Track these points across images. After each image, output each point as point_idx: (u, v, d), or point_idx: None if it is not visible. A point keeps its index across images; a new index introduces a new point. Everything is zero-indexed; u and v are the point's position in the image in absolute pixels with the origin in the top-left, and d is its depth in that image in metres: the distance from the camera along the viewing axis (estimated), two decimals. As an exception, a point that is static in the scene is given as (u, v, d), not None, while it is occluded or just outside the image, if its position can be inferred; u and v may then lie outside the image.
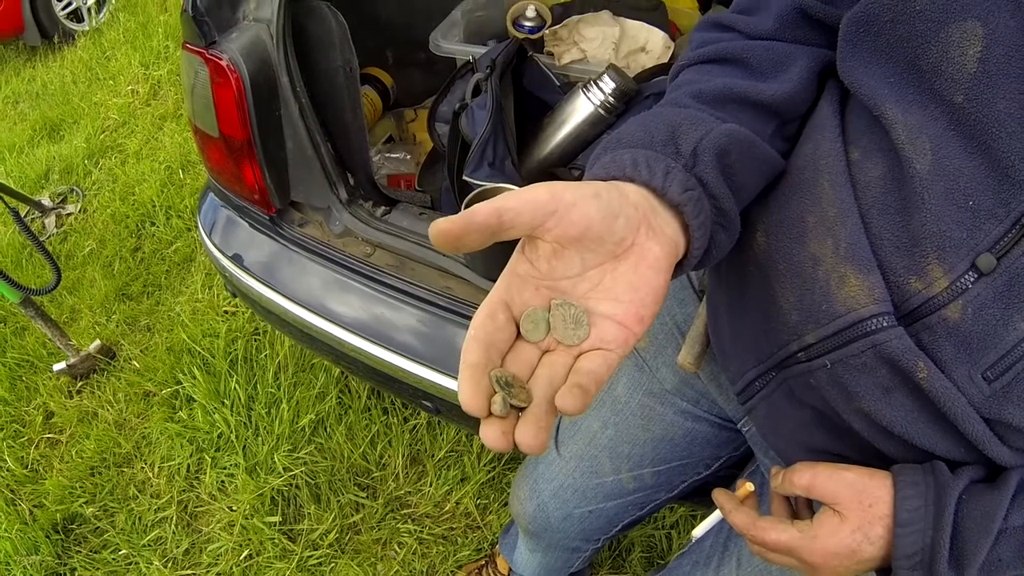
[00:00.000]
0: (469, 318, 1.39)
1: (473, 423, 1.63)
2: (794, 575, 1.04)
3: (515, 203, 0.48)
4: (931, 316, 0.60)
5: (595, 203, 0.51)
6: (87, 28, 4.85)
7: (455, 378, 1.38)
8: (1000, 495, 0.62)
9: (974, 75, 0.55)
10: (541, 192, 0.50)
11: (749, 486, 0.82)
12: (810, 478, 0.71)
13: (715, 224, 0.62)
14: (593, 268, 0.54)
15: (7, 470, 2.33)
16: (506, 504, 2.02)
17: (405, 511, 2.07)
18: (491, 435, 0.48)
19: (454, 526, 2.02)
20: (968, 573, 0.63)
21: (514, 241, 0.52)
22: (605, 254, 0.53)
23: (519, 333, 0.53)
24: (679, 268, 0.60)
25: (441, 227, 0.46)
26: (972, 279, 0.57)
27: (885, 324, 0.61)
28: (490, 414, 0.49)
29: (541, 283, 0.54)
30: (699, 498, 1.25)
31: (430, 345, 1.44)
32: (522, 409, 0.50)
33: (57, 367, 2.50)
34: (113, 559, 2.10)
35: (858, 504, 0.67)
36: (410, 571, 1.95)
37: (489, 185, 1.38)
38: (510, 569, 1.65)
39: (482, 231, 0.47)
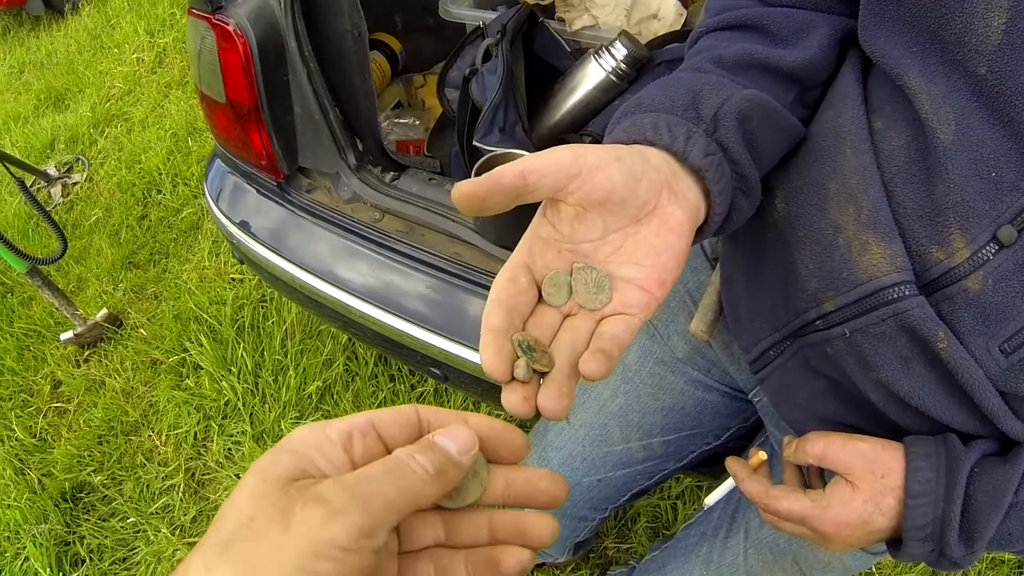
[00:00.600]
0: (478, 284, 1.40)
1: (481, 390, 1.63)
2: (801, 545, 1.04)
3: (539, 164, 0.48)
4: (952, 287, 0.59)
5: (617, 166, 0.50)
6: (91, -4, 4.82)
7: (464, 345, 1.38)
8: (1012, 469, 0.62)
9: (998, 47, 0.54)
10: (564, 154, 0.49)
11: (762, 454, 0.82)
12: (823, 447, 0.71)
13: (736, 189, 0.62)
14: (615, 231, 0.53)
15: (16, 439, 2.35)
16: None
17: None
18: (513, 400, 0.48)
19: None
20: (978, 546, 0.64)
21: (527, 207, 0.51)
22: (627, 217, 0.53)
23: (540, 297, 0.53)
24: (699, 234, 0.60)
25: (464, 190, 0.46)
26: (993, 250, 0.57)
27: (907, 293, 0.60)
28: (512, 379, 0.48)
29: (563, 246, 0.53)
30: (708, 468, 1.25)
31: (439, 311, 1.44)
32: (544, 374, 0.49)
33: (64, 336, 2.50)
34: (121, 527, 2.11)
35: (871, 475, 0.67)
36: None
37: (499, 151, 1.36)
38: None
39: (507, 193, 0.47)
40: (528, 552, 0.44)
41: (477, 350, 1.37)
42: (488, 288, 1.42)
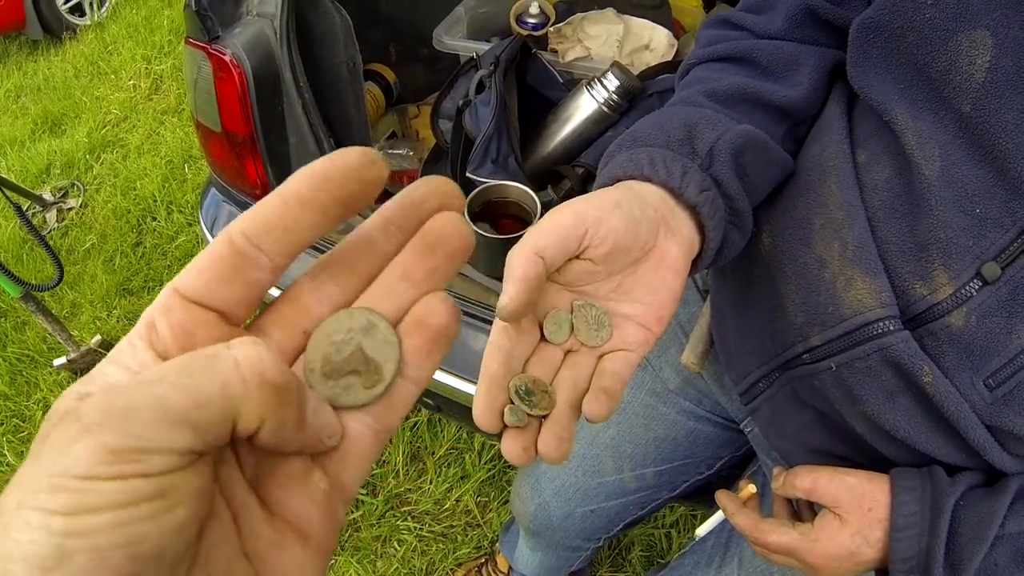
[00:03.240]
0: (471, 315, 1.40)
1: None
2: (795, 574, 1.04)
3: (547, 239, 0.48)
4: (935, 322, 0.60)
5: (617, 214, 0.51)
6: (89, 22, 4.83)
7: (458, 376, 1.37)
8: (998, 502, 0.62)
9: (982, 85, 0.55)
10: (565, 217, 0.49)
11: (751, 488, 0.82)
12: (811, 481, 0.71)
13: (728, 223, 0.62)
14: (617, 273, 0.54)
15: (7, 465, 2.33)
16: (506, 502, 2.02)
17: (405, 508, 2.07)
18: (513, 449, 0.48)
19: (454, 524, 2.02)
20: None
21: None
22: (629, 260, 0.53)
23: (542, 334, 0.53)
24: (692, 267, 0.60)
25: (510, 308, 0.46)
26: (976, 287, 0.57)
27: (892, 328, 0.61)
28: (505, 427, 0.48)
29: (564, 286, 0.54)
30: (700, 497, 1.25)
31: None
32: (544, 417, 0.49)
33: (58, 362, 2.49)
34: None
35: (858, 508, 0.68)
36: (410, 569, 1.94)
37: (493, 182, 1.37)
38: (510, 567, 1.65)
39: (537, 281, 0.47)
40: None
41: (470, 381, 1.38)
42: (480, 319, 1.42)
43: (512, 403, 0.48)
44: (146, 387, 0.25)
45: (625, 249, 0.52)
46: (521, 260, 0.46)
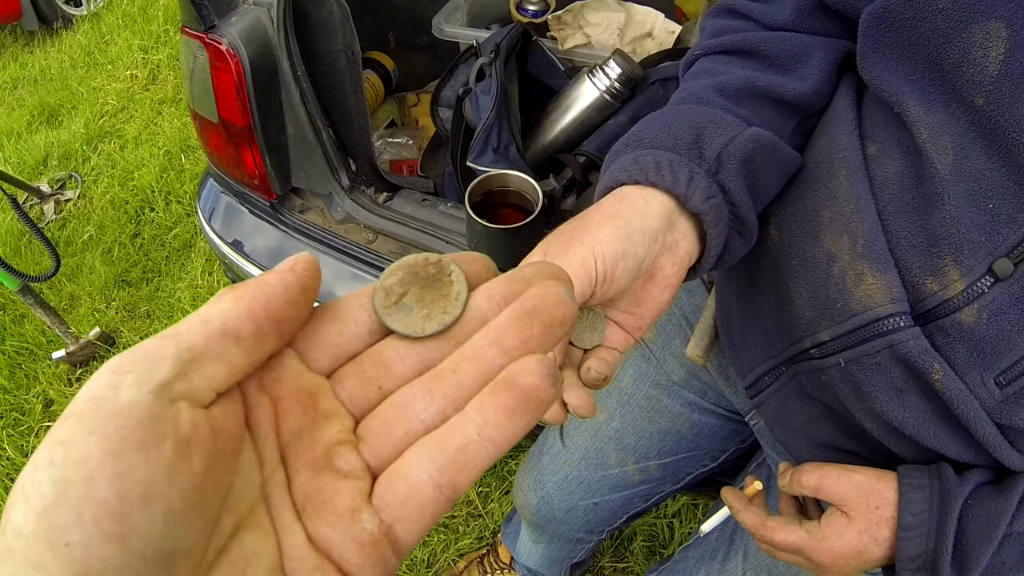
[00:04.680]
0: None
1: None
2: (799, 569, 1.03)
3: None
4: (945, 319, 0.59)
5: (622, 265, 0.53)
6: (85, 12, 4.81)
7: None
8: (1006, 500, 0.62)
9: (996, 78, 0.54)
10: (578, 274, 0.52)
11: (757, 484, 0.81)
12: (818, 479, 0.71)
13: (732, 230, 0.62)
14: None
15: (7, 458, 2.32)
16: (508, 492, 2.02)
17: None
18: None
19: (455, 514, 2.02)
20: (971, 575, 0.63)
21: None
22: (628, 291, 0.57)
23: None
24: (691, 272, 0.61)
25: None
26: (988, 283, 0.57)
27: (902, 324, 0.60)
28: None
29: None
30: (705, 489, 1.24)
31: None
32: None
33: (56, 355, 2.49)
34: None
35: (865, 506, 0.67)
36: (411, 559, 1.94)
37: (493, 171, 1.36)
38: (512, 558, 1.64)
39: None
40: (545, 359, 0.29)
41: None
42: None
43: None
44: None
45: (627, 289, 0.56)
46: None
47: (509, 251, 1.28)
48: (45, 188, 3.27)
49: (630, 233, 0.54)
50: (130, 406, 0.24)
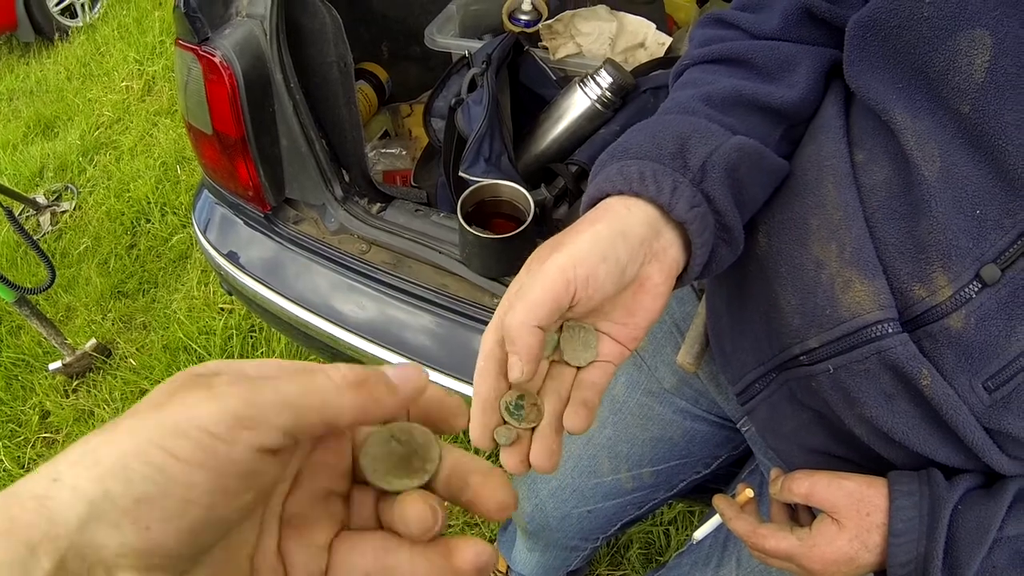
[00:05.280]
0: (466, 315, 1.40)
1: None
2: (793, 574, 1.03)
3: (542, 311, 0.51)
4: (933, 324, 0.59)
5: (604, 268, 0.53)
6: (81, 24, 4.82)
7: (453, 376, 1.37)
8: (996, 505, 0.62)
9: (981, 85, 0.54)
10: (556, 280, 0.52)
11: (749, 492, 0.82)
12: (808, 486, 0.71)
13: (718, 239, 0.62)
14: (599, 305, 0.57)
15: (3, 470, 2.32)
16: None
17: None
18: (510, 463, 0.53)
19: (451, 523, 2.01)
20: None
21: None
22: (613, 298, 0.57)
23: None
24: (677, 281, 0.60)
25: (522, 379, 0.51)
26: (976, 289, 0.57)
27: (890, 330, 0.60)
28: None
29: None
30: (698, 496, 1.25)
31: (427, 343, 1.43)
32: (533, 428, 0.53)
33: (53, 366, 2.48)
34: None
35: (856, 513, 0.67)
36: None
37: (486, 181, 1.36)
38: (508, 567, 1.64)
39: (540, 348, 0.51)
40: (488, 547, 0.36)
41: (466, 381, 1.37)
42: (476, 319, 1.42)
43: (504, 421, 0.52)
44: (267, 380, 0.32)
45: (610, 297, 0.55)
46: (523, 335, 0.50)
47: (501, 260, 1.29)
48: (41, 200, 3.27)
49: (611, 237, 0.54)
50: (239, 460, 0.30)
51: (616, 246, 0.54)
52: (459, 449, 0.39)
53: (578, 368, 0.57)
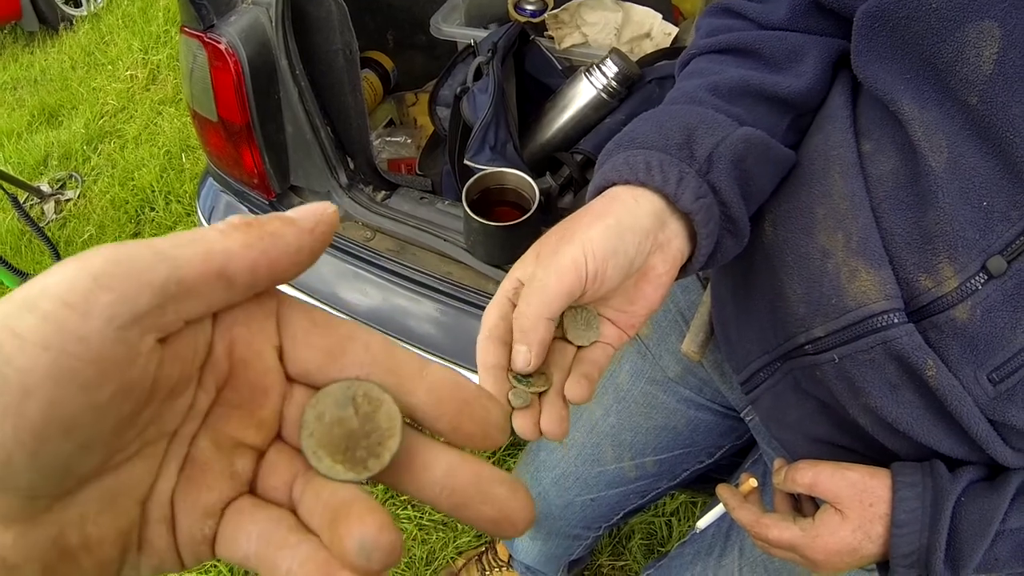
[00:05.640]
0: (470, 303, 1.40)
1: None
2: (795, 567, 1.04)
3: (554, 304, 0.53)
4: (939, 315, 0.59)
5: (613, 263, 0.54)
6: (85, 13, 4.81)
7: (457, 364, 1.37)
8: (999, 498, 0.63)
9: (989, 76, 0.54)
10: (568, 272, 0.53)
11: (752, 482, 0.82)
12: (812, 477, 0.71)
13: (723, 230, 0.62)
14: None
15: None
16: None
17: (404, 497, 2.07)
18: (525, 427, 0.53)
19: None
20: (964, 572, 0.65)
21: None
22: (620, 289, 0.58)
23: None
24: (682, 271, 0.61)
25: (531, 367, 0.53)
26: (982, 281, 0.57)
27: (896, 320, 0.60)
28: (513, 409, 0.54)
29: None
30: (701, 486, 1.25)
31: (431, 330, 1.43)
32: (542, 393, 0.54)
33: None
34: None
35: (859, 503, 0.68)
36: (410, 557, 1.94)
37: (491, 169, 1.36)
38: (510, 556, 1.65)
39: (550, 338, 0.53)
40: (389, 535, 0.26)
41: (471, 369, 1.37)
42: (480, 307, 1.42)
43: (514, 387, 0.53)
44: (145, 241, 0.25)
45: (619, 287, 0.56)
46: (539, 328, 0.52)
47: (506, 248, 1.29)
48: (45, 188, 3.27)
49: (621, 232, 0.54)
50: (92, 338, 0.23)
51: (625, 240, 0.54)
52: (453, 451, 0.30)
53: (577, 348, 0.58)
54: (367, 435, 0.29)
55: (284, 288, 0.30)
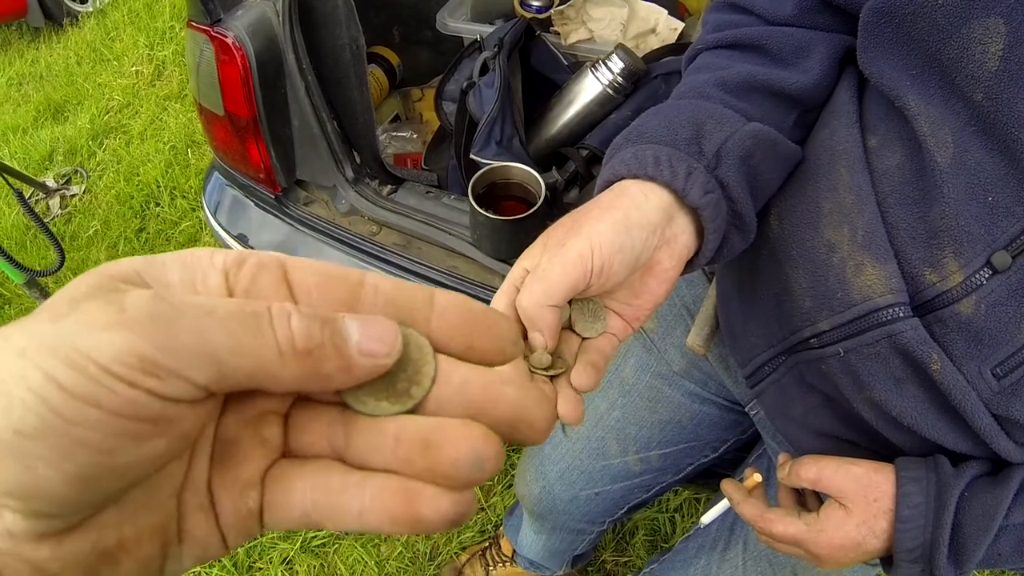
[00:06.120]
0: (475, 297, 1.39)
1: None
2: (799, 561, 1.04)
3: (559, 293, 0.52)
4: (944, 310, 0.60)
5: (620, 258, 0.54)
6: (91, 9, 4.81)
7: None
8: (1002, 493, 0.63)
9: (995, 73, 0.54)
10: (574, 264, 0.53)
11: (757, 476, 0.82)
12: (816, 472, 0.72)
13: (730, 225, 0.63)
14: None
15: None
16: (510, 486, 2.02)
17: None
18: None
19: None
20: (967, 566, 0.65)
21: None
22: (625, 283, 0.58)
23: None
24: (688, 266, 0.61)
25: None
26: (987, 275, 0.57)
27: (901, 314, 0.61)
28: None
29: None
30: (705, 481, 1.25)
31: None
32: (556, 376, 0.54)
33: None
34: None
35: (863, 499, 0.68)
36: (413, 552, 1.95)
37: (496, 164, 1.37)
38: (514, 551, 1.65)
39: (559, 324, 0.53)
40: (464, 498, 0.28)
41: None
42: (486, 301, 1.42)
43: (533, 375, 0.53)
44: (196, 314, 0.25)
45: (624, 282, 0.56)
46: (544, 315, 0.52)
47: (512, 242, 1.29)
48: (51, 183, 3.28)
49: (628, 226, 0.55)
50: (141, 402, 0.24)
51: (633, 235, 0.54)
52: (468, 365, 0.31)
53: (582, 339, 0.58)
54: (403, 368, 0.29)
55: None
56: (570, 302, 0.56)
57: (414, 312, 0.30)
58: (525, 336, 0.54)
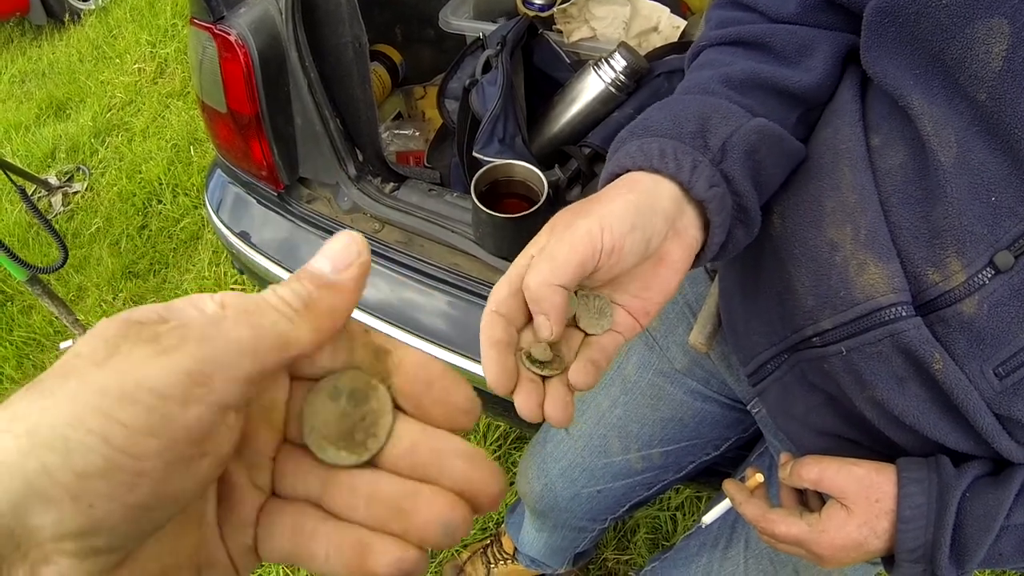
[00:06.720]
0: (478, 295, 1.40)
1: (483, 402, 1.62)
2: (801, 560, 1.04)
3: (568, 273, 0.51)
4: (946, 309, 0.60)
5: (631, 240, 0.53)
6: (93, 7, 4.82)
7: (464, 355, 1.37)
8: (1004, 493, 0.63)
9: (998, 73, 0.54)
10: (584, 243, 0.51)
11: (759, 476, 0.82)
12: (818, 472, 0.72)
13: (735, 220, 0.63)
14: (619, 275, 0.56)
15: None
16: (512, 483, 2.02)
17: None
18: (530, 405, 0.51)
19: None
20: (968, 566, 0.65)
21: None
22: (632, 270, 0.56)
23: None
24: (694, 262, 0.61)
25: (552, 337, 0.51)
26: (989, 275, 0.57)
27: (903, 314, 0.61)
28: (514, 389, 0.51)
29: None
30: (707, 479, 1.25)
31: (438, 323, 1.44)
32: (553, 376, 0.53)
33: (64, 345, 2.50)
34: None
35: (865, 499, 0.68)
36: (416, 550, 1.94)
37: (499, 162, 1.37)
38: (515, 548, 1.65)
39: (566, 306, 0.51)
40: (413, 551, 0.30)
41: (479, 361, 1.37)
42: (486, 298, 1.42)
43: (527, 370, 0.51)
44: (214, 326, 0.28)
45: (629, 269, 0.55)
46: (550, 295, 0.50)
47: (515, 240, 1.29)
48: (53, 180, 3.28)
49: (641, 208, 0.54)
50: (192, 424, 0.26)
51: (645, 217, 0.54)
52: (423, 425, 0.32)
53: (585, 336, 0.57)
54: (362, 418, 0.32)
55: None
56: (576, 296, 0.56)
57: (379, 364, 0.33)
58: (529, 320, 0.53)
